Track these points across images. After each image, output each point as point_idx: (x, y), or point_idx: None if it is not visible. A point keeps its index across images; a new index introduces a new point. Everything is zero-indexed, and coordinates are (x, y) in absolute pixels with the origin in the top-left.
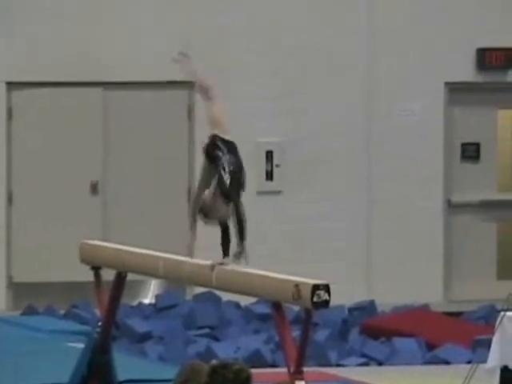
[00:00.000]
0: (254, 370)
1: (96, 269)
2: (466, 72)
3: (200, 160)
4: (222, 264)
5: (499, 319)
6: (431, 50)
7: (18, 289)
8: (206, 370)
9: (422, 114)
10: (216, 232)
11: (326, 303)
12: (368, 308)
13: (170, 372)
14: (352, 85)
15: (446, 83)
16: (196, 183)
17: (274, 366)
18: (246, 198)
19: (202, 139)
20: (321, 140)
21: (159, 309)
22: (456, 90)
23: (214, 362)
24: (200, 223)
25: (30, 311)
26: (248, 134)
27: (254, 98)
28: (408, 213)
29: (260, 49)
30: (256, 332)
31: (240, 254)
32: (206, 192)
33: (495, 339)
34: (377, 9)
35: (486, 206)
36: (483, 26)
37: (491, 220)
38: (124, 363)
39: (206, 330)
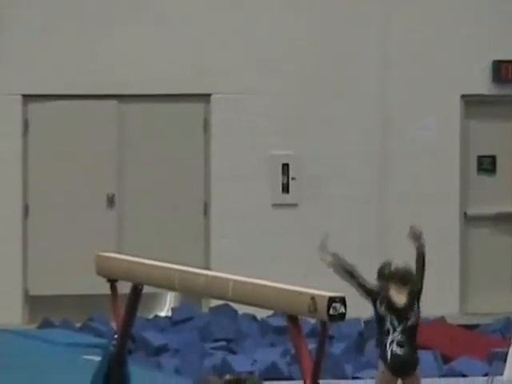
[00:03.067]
0: (269, 383)
1: (112, 281)
2: (482, 85)
3: (216, 171)
4: None
5: None
6: (447, 63)
7: (34, 302)
8: None
9: (437, 128)
10: None
11: (342, 316)
12: None
13: None
14: (367, 99)
15: (462, 96)
16: (212, 197)
17: (290, 378)
18: (262, 210)
19: (217, 152)
20: (336, 154)
21: (175, 322)
22: (472, 103)
23: (227, 377)
24: None
25: (46, 324)
26: (264, 147)
27: (271, 112)
28: (424, 225)
29: (279, 66)
30: (272, 345)
31: None
32: None
33: (511, 352)
34: (391, 22)
35: (503, 218)
36: (499, 39)
37: (507, 233)
38: (140, 376)
39: (222, 343)
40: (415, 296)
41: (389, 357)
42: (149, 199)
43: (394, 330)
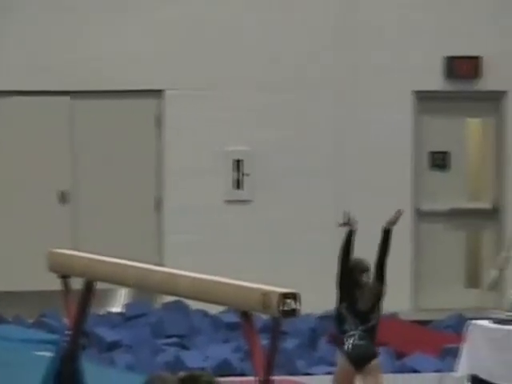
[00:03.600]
0: (222, 379)
1: (64, 277)
2: (435, 81)
3: (168, 167)
4: None
5: (467, 328)
6: (399, 59)
7: None
8: (173, 381)
9: (390, 123)
10: None
11: (294, 312)
12: None
13: (138, 381)
14: (322, 95)
15: (415, 92)
16: (164, 192)
17: (242, 374)
18: (215, 206)
19: (169, 147)
20: (290, 150)
21: (128, 317)
22: (424, 99)
23: (181, 373)
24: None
25: None
26: (217, 143)
27: (224, 107)
28: (377, 221)
29: (233, 62)
30: (225, 341)
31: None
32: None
33: (463, 348)
34: (345, 14)
35: (455, 214)
36: (451, 35)
37: (460, 229)
38: (92, 372)
39: (175, 339)
40: (378, 299)
41: (348, 348)
42: (102, 195)
43: (356, 329)
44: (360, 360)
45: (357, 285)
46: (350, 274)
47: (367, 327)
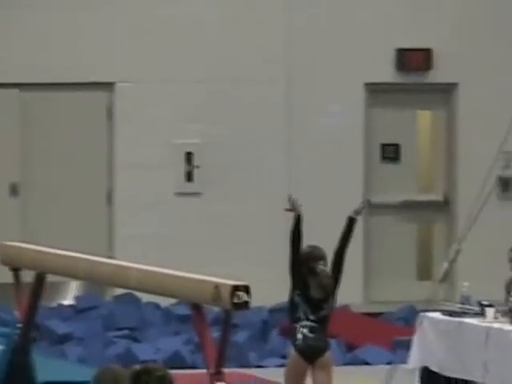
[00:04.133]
0: (173, 372)
1: (15, 270)
2: (386, 73)
3: (120, 160)
4: None
5: (419, 320)
6: (350, 51)
7: None
8: (126, 375)
9: (341, 115)
10: None
11: (245, 304)
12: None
13: (89, 374)
14: (271, 86)
15: (366, 84)
16: (115, 185)
17: (193, 367)
18: (165, 199)
19: (121, 140)
20: (241, 143)
21: (79, 310)
22: (375, 91)
23: (135, 367)
24: None
25: None
26: (168, 136)
27: (175, 100)
28: (328, 214)
29: (183, 54)
30: (176, 333)
31: None
32: None
33: (415, 340)
34: (295, 7)
35: (406, 206)
36: (402, 27)
37: (411, 221)
38: (43, 365)
39: (126, 332)
40: (334, 288)
41: (299, 341)
42: (53, 188)
43: (307, 319)
44: (310, 353)
45: (311, 272)
46: (304, 261)
47: (319, 316)
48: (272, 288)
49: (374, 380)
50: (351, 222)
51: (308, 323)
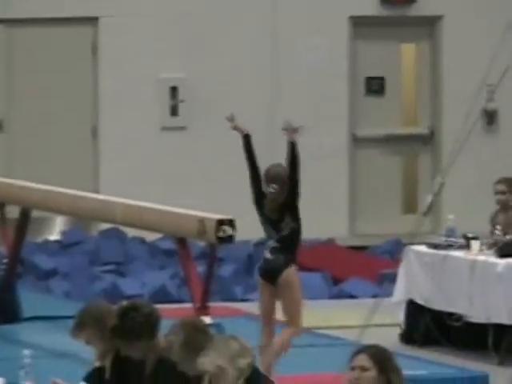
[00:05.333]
0: (159, 306)
1: (0, 206)
2: (370, 6)
3: (104, 95)
4: None
5: (404, 253)
6: None
7: None
8: (112, 311)
9: (326, 49)
10: None
11: (230, 238)
12: None
13: (75, 308)
14: (257, 21)
15: (350, 17)
16: (100, 120)
17: (179, 301)
18: (151, 133)
19: (105, 75)
20: (226, 77)
21: (65, 245)
22: (360, 25)
23: (123, 303)
24: None
25: None
26: (152, 70)
27: (160, 34)
28: (313, 147)
29: None
30: (161, 268)
31: None
32: None
33: (400, 273)
34: None
35: (391, 139)
36: None
37: (396, 154)
38: (29, 300)
39: (112, 266)
40: (286, 208)
41: (260, 264)
42: (38, 123)
43: (271, 239)
44: (267, 274)
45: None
46: (258, 181)
47: (280, 236)
48: (257, 222)
49: (360, 313)
50: (291, 146)
51: (272, 244)
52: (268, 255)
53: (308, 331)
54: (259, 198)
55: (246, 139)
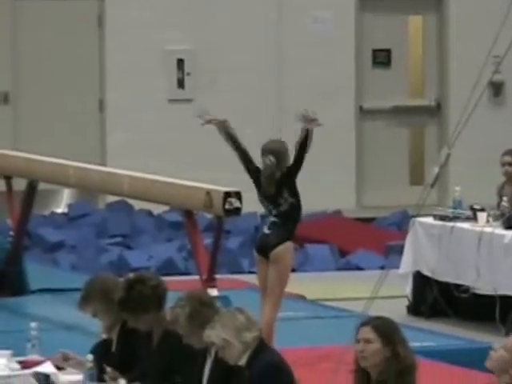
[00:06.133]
0: (166, 278)
1: (7, 178)
2: None
3: (111, 67)
4: None
5: (411, 225)
6: None
7: None
8: (118, 284)
9: (332, 21)
10: None
11: (237, 210)
12: None
13: (81, 281)
14: None
15: None
16: (107, 93)
17: (186, 273)
18: (157, 106)
19: (112, 47)
20: (232, 48)
21: (71, 218)
22: None
23: (130, 276)
24: None
25: None
26: (159, 42)
27: (165, 6)
28: (320, 120)
29: None
30: (168, 240)
31: None
32: None
33: (407, 245)
34: None
35: (398, 111)
36: None
37: (403, 126)
38: (36, 273)
39: (119, 239)
40: (283, 183)
41: (258, 239)
42: (44, 96)
43: (270, 213)
44: (261, 248)
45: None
46: (249, 162)
47: (279, 212)
48: None
49: (367, 285)
50: (306, 133)
51: (271, 219)
52: (266, 230)
53: (314, 303)
54: (255, 176)
55: (225, 129)
